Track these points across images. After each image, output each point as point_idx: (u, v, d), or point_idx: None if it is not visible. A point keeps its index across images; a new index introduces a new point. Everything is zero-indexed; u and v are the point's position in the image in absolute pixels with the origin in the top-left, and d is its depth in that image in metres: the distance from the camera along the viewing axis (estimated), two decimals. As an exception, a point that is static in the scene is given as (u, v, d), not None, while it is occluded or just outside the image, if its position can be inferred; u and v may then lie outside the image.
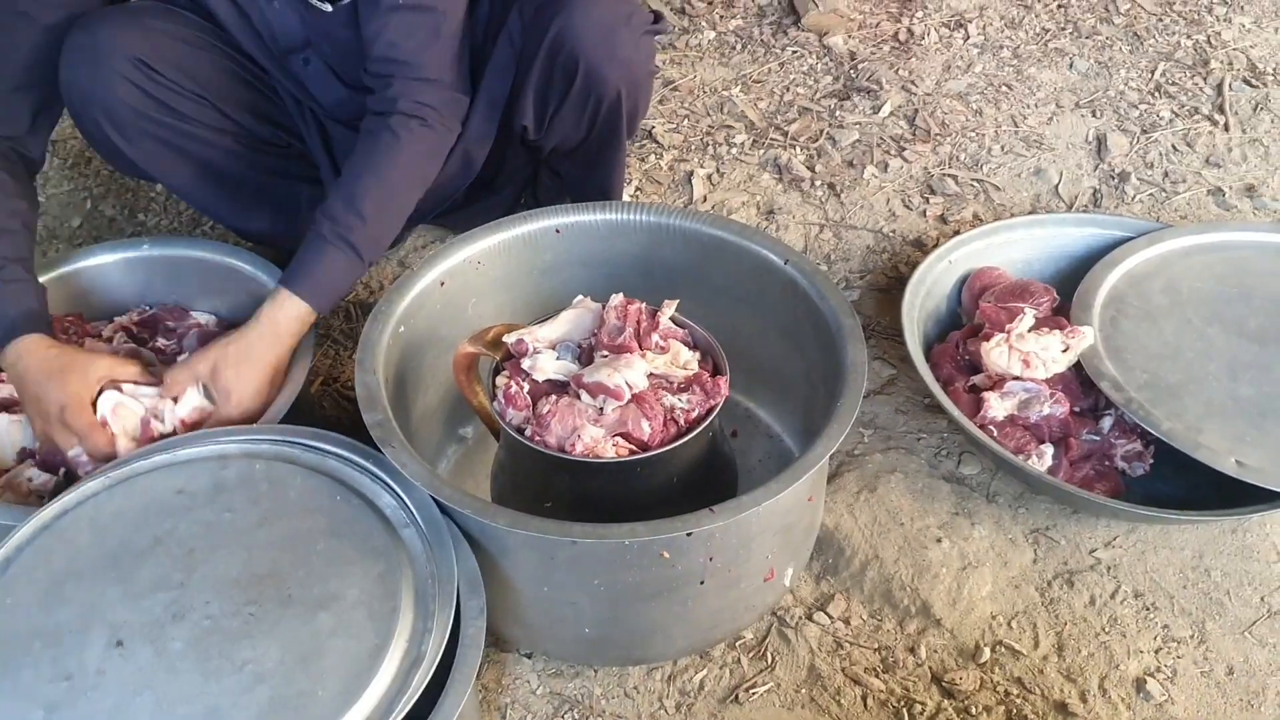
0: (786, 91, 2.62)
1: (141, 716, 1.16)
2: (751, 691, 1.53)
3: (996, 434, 1.74)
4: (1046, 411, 1.75)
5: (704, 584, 1.39)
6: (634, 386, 1.37)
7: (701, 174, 2.39)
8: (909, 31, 2.77)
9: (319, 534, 1.33)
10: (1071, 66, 2.66)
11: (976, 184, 2.35)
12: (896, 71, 2.65)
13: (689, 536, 1.30)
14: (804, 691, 1.54)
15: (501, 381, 1.42)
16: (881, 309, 2.09)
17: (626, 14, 1.75)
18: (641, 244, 1.70)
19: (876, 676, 1.55)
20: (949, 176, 2.36)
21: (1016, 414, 1.77)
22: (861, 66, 2.66)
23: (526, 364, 1.42)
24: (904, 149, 2.43)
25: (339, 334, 2.07)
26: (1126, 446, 1.76)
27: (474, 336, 1.46)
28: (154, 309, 1.89)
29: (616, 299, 1.47)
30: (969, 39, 2.75)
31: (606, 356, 1.42)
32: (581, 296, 1.52)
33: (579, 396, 1.38)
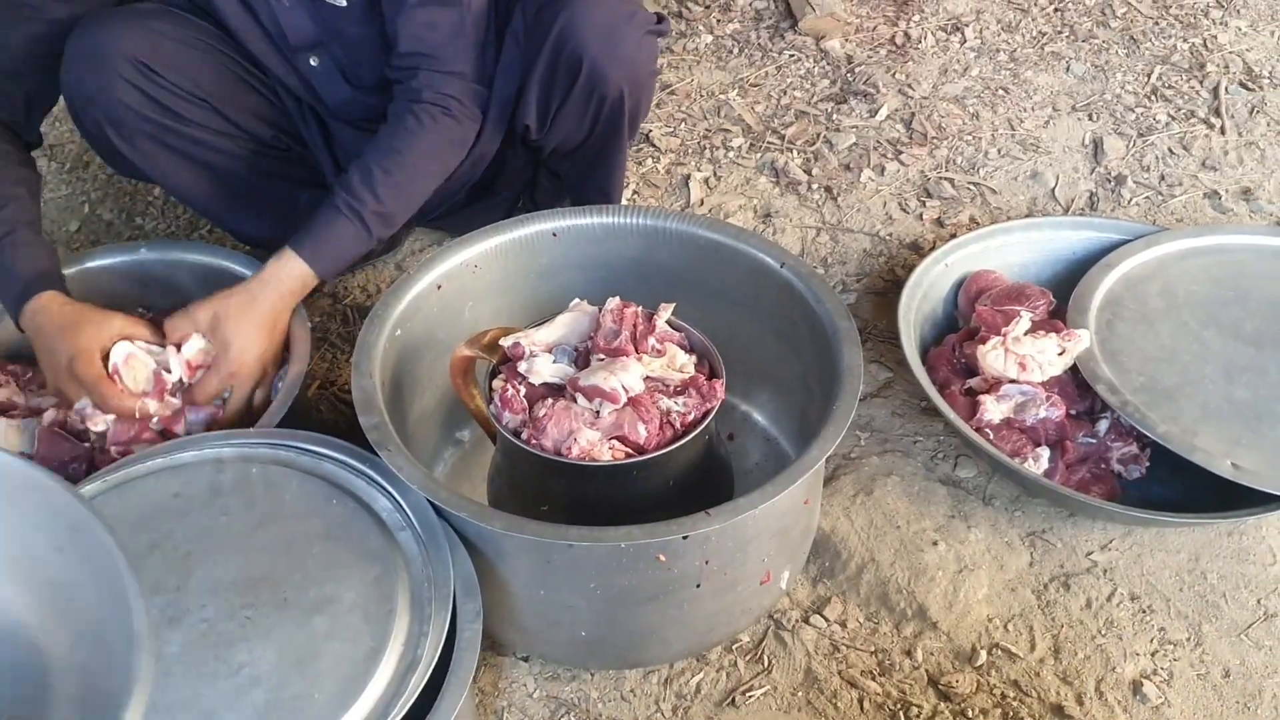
0: (783, 95, 2.62)
1: None
2: (748, 695, 1.53)
3: (993, 437, 1.74)
4: (1043, 414, 1.76)
5: (700, 587, 1.39)
6: (630, 390, 1.37)
7: (698, 177, 2.40)
8: (905, 35, 2.77)
9: (315, 537, 1.33)
10: (1068, 70, 2.66)
11: (973, 187, 2.35)
12: (893, 75, 2.65)
13: (685, 539, 1.30)
14: (800, 694, 1.54)
15: (498, 385, 1.42)
16: (878, 312, 2.09)
17: (629, 13, 1.76)
18: (638, 247, 1.70)
19: (873, 679, 1.55)
20: (945, 180, 2.36)
21: (1013, 417, 1.77)
22: (858, 70, 2.67)
23: (523, 367, 1.42)
24: (901, 152, 2.44)
25: (336, 337, 2.07)
26: (1123, 449, 1.76)
27: (470, 340, 1.46)
28: (151, 313, 1.88)
29: (613, 302, 1.47)
30: (965, 42, 2.75)
31: (603, 360, 1.42)
32: (578, 300, 1.52)
33: (575, 400, 1.38)
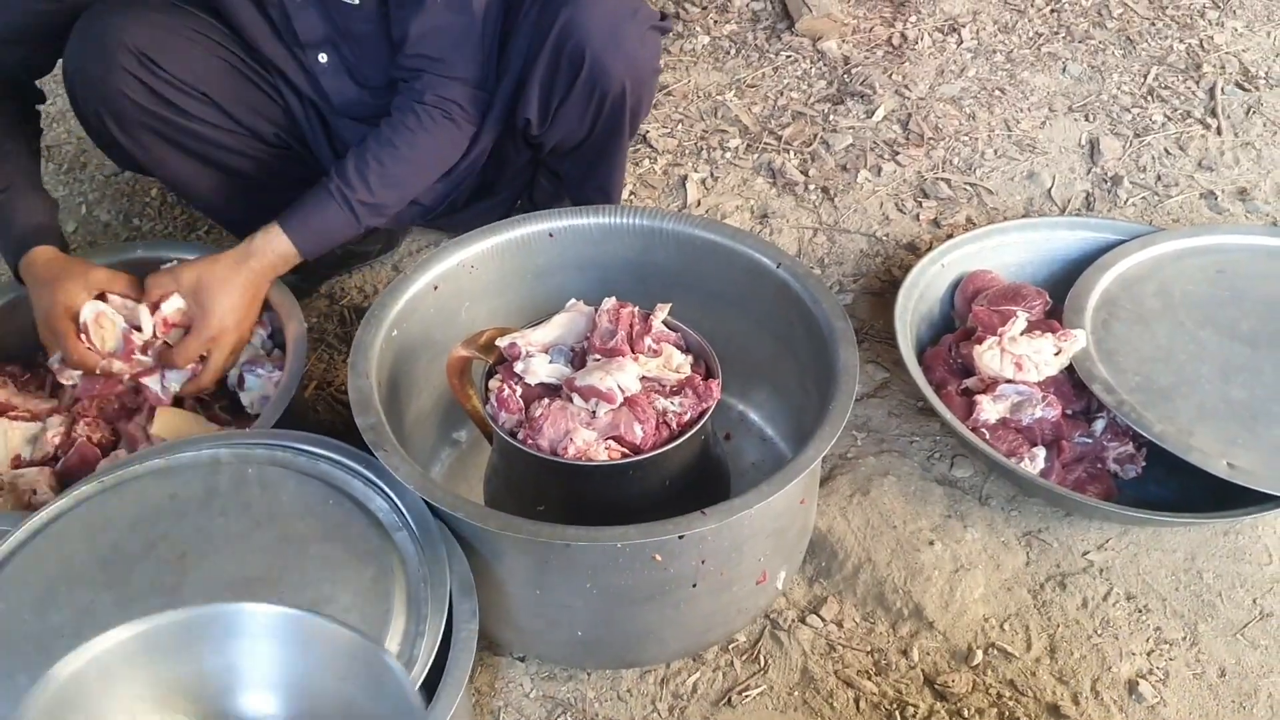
0: (780, 96, 2.62)
1: (134, 720, 1.16)
2: (744, 694, 1.54)
3: (989, 437, 1.74)
4: (1039, 414, 1.76)
5: (696, 587, 1.39)
6: (626, 390, 1.38)
7: (695, 178, 2.40)
8: (902, 36, 2.77)
9: (311, 538, 1.34)
10: (1064, 70, 2.67)
11: (970, 188, 2.36)
12: (890, 76, 2.65)
13: (681, 539, 1.30)
14: (797, 694, 1.54)
15: (494, 385, 1.42)
16: (875, 312, 2.09)
17: (632, 9, 1.76)
18: (635, 248, 1.70)
19: (869, 679, 1.55)
20: (942, 180, 2.37)
21: (1009, 417, 1.77)
22: (855, 71, 2.67)
23: (519, 367, 1.42)
24: (897, 153, 2.44)
25: (333, 338, 2.08)
26: (1119, 449, 1.76)
27: (467, 340, 1.47)
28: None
29: (609, 302, 1.47)
30: (962, 43, 2.75)
31: (599, 360, 1.43)
32: (574, 300, 1.52)
33: (571, 400, 1.39)
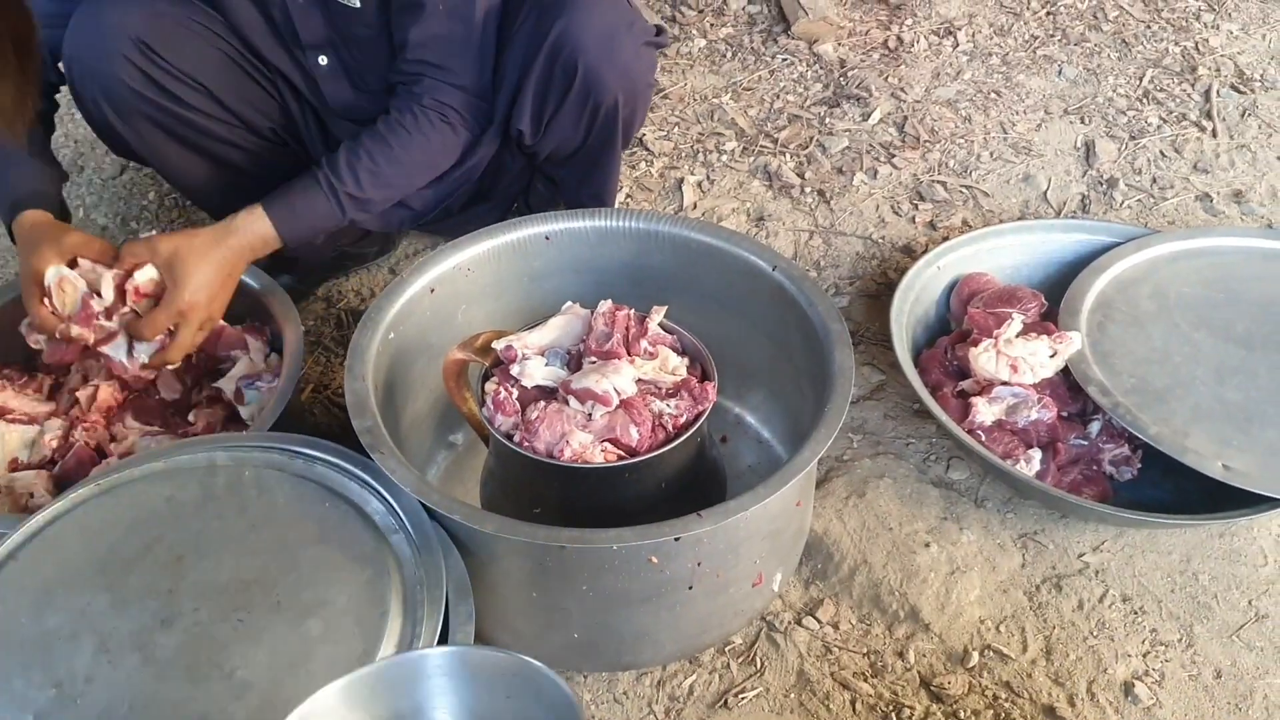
0: (776, 99, 2.63)
1: (130, 723, 1.16)
2: (740, 696, 1.54)
3: (985, 439, 1.75)
4: (1034, 416, 1.76)
5: (692, 589, 1.39)
6: (622, 392, 1.38)
7: (692, 181, 2.40)
8: (898, 39, 2.78)
9: (308, 541, 1.34)
10: (1060, 73, 2.67)
11: (965, 190, 2.36)
12: (886, 79, 2.66)
13: (677, 541, 1.30)
14: (793, 696, 1.54)
15: (490, 387, 1.43)
16: (871, 315, 2.10)
17: (628, 22, 1.76)
18: (631, 250, 1.71)
19: (865, 681, 1.55)
20: (938, 183, 2.37)
21: (1004, 419, 1.77)
22: (851, 74, 2.68)
23: (515, 370, 1.43)
24: (893, 156, 2.44)
25: (330, 341, 2.08)
26: (1114, 451, 1.77)
27: (463, 343, 1.47)
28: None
29: (605, 305, 1.48)
30: (958, 46, 2.76)
31: (595, 363, 1.43)
32: (571, 303, 1.52)
33: (567, 402, 1.39)
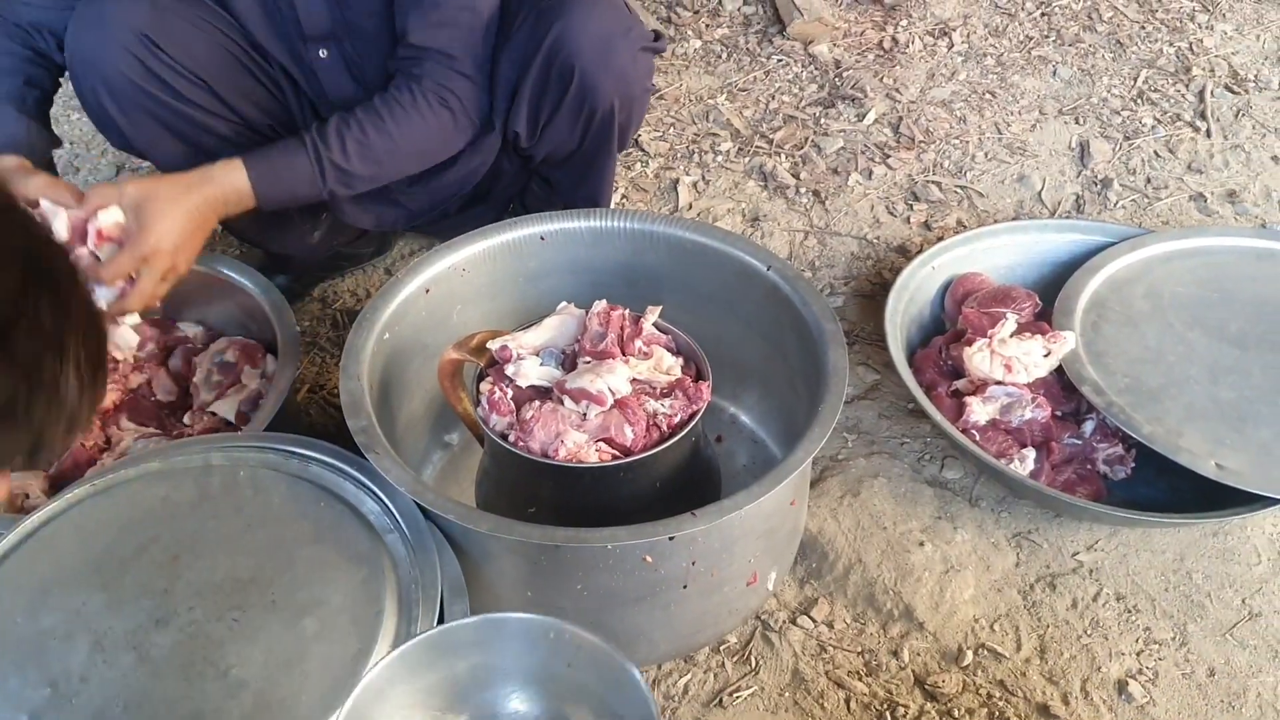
0: (772, 99, 2.63)
1: (125, 722, 1.16)
2: (735, 695, 1.54)
3: (979, 438, 1.75)
4: (1028, 416, 1.77)
5: (687, 588, 1.39)
6: (617, 392, 1.38)
7: (687, 181, 2.41)
8: (893, 40, 2.79)
9: (303, 540, 1.34)
10: (1055, 74, 2.68)
11: (960, 190, 2.37)
12: (881, 79, 2.66)
13: (671, 540, 1.30)
14: (787, 695, 1.54)
15: (485, 387, 1.43)
16: (865, 315, 2.10)
17: (625, 27, 1.76)
18: (626, 250, 1.71)
19: (860, 680, 1.56)
20: (933, 183, 2.38)
21: (999, 418, 1.78)
22: (846, 74, 2.68)
23: (510, 370, 1.43)
24: (888, 156, 2.45)
25: (325, 342, 2.08)
26: (1108, 450, 1.77)
27: (458, 343, 1.47)
28: (140, 320, 1.88)
29: (599, 305, 1.48)
30: (953, 47, 2.77)
31: (590, 362, 1.43)
32: (565, 303, 1.53)
33: (562, 402, 1.39)
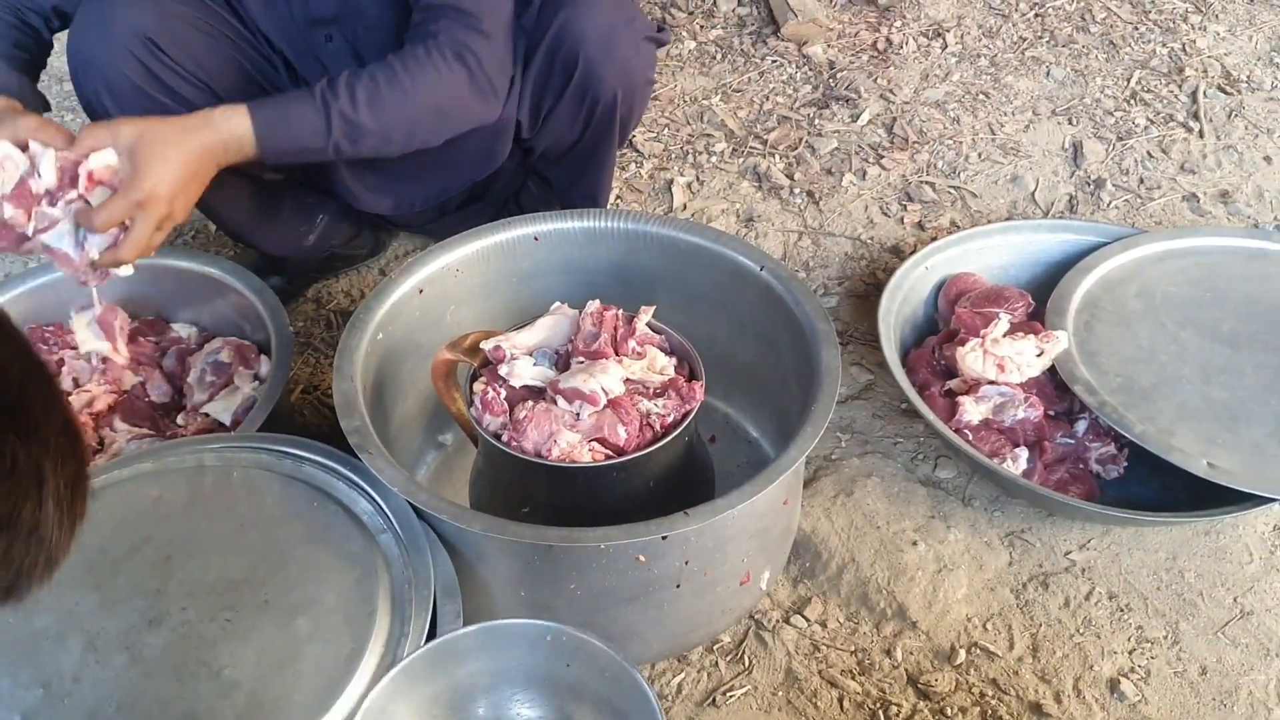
0: (766, 100, 2.64)
1: (118, 722, 1.17)
2: (729, 694, 1.54)
3: (972, 438, 1.75)
4: (1021, 415, 1.77)
5: (680, 588, 1.40)
6: (610, 392, 1.38)
7: (681, 182, 2.41)
8: (887, 41, 2.79)
9: (296, 540, 1.34)
10: (1048, 75, 2.68)
11: (954, 191, 2.37)
12: (875, 80, 2.67)
13: (664, 540, 1.31)
14: (781, 694, 1.55)
15: (479, 388, 1.43)
16: (859, 315, 2.10)
17: (628, 18, 1.77)
18: (619, 251, 1.71)
19: (853, 679, 1.56)
20: (926, 184, 2.38)
21: (991, 418, 1.78)
22: (840, 75, 2.69)
23: (504, 370, 1.43)
24: (882, 157, 2.45)
25: (319, 342, 2.08)
26: (1100, 449, 1.78)
27: (452, 343, 1.47)
28: (134, 321, 1.88)
29: (593, 305, 1.48)
30: (947, 48, 2.77)
31: (583, 362, 1.43)
32: (559, 303, 1.53)
33: (555, 402, 1.39)
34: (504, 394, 1.42)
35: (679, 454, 1.45)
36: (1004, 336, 1.83)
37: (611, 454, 1.37)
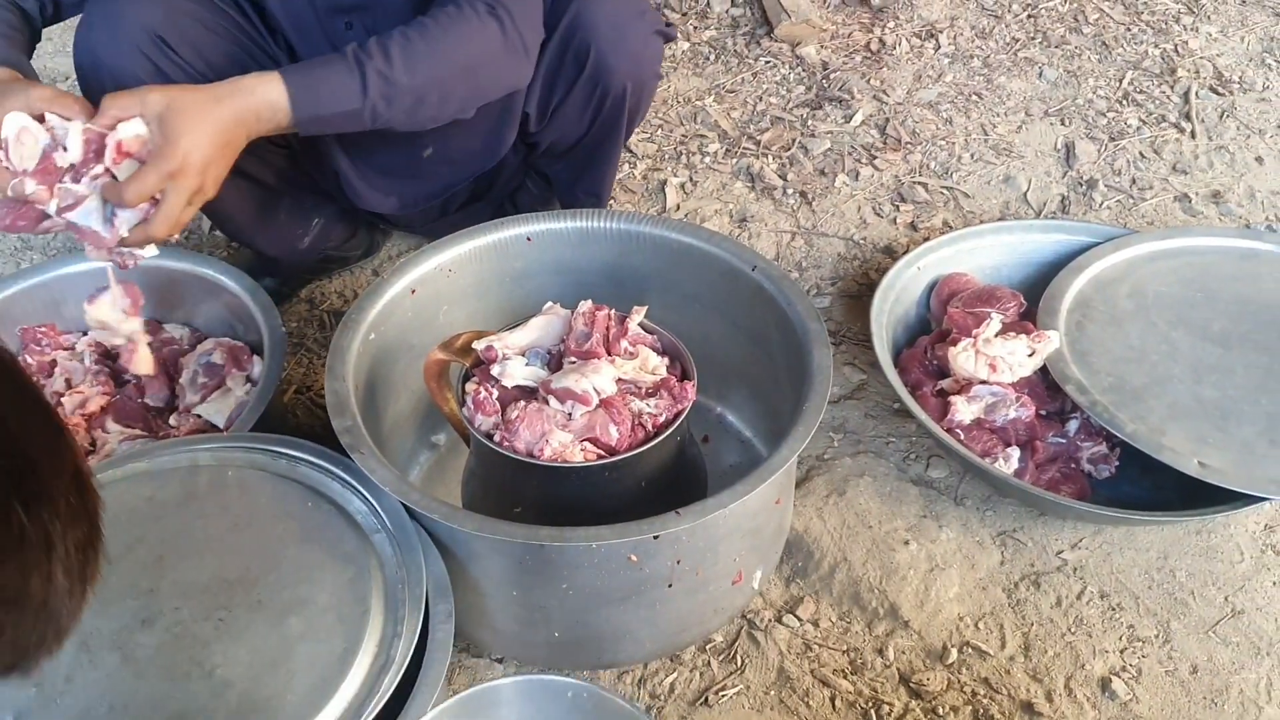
0: (759, 101, 2.64)
1: (110, 722, 1.17)
2: (721, 694, 1.55)
3: (964, 437, 1.76)
4: (1013, 415, 1.77)
5: (672, 587, 1.40)
6: (602, 392, 1.39)
7: (674, 183, 2.41)
8: (880, 41, 2.80)
9: (289, 540, 1.34)
10: (1041, 75, 2.69)
11: (946, 191, 2.38)
12: (868, 81, 2.67)
13: (656, 539, 1.31)
14: (773, 693, 1.55)
15: (471, 388, 1.43)
16: (852, 315, 2.11)
17: (639, 10, 1.78)
18: (612, 251, 1.71)
19: (845, 678, 1.56)
20: (919, 184, 2.39)
21: (983, 417, 1.79)
22: (833, 76, 2.69)
23: (496, 370, 1.43)
24: (875, 157, 2.46)
25: (312, 343, 2.08)
26: (1092, 449, 1.78)
27: (444, 343, 1.47)
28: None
29: (585, 305, 1.48)
30: (940, 49, 2.78)
31: (575, 362, 1.44)
32: (551, 303, 1.53)
33: (548, 402, 1.39)
34: (496, 394, 1.42)
35: (671, 454, 1.45)
36: (996, 336, 1.84)
37: (604, 454, 1.37)
